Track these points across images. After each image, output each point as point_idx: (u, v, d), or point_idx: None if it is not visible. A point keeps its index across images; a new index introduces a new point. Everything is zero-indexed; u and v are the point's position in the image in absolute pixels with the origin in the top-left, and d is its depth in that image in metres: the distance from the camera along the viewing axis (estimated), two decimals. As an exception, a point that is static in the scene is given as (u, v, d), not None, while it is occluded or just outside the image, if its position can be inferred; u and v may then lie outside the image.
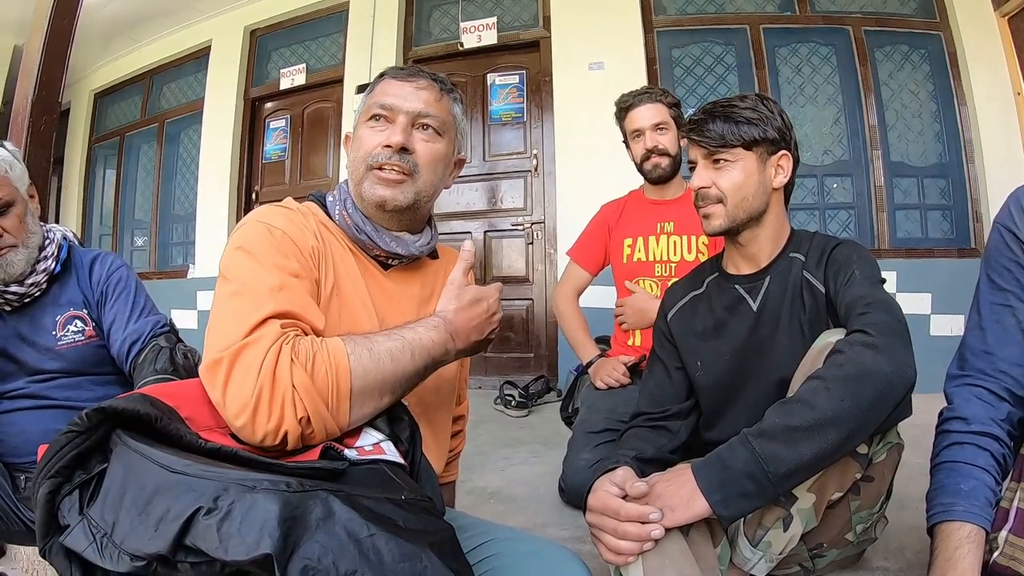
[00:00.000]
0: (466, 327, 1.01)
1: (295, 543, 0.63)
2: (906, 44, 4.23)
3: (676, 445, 1.40)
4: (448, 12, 4.80)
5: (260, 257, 0.95)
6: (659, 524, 1.02)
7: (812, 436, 1.01)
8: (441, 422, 1.22)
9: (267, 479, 0.68)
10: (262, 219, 1.01)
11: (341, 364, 0.86)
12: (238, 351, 0.84)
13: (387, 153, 1.07)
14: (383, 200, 1.07)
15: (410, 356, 0.92)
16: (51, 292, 1.59)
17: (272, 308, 0.88)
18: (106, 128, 6.42)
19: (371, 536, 0.66)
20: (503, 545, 1.01)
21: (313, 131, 5.23)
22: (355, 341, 0.90)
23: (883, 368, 1.03)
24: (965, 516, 1.06)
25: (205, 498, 0.65)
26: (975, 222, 4.06)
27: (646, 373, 1.55)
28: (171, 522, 0.64)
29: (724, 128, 1.33)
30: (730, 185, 1.35)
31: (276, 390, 0.81)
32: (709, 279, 1.50)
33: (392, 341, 0.92)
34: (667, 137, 2.19)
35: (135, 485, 0.70)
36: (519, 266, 4.54)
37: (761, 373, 1.36)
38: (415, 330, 0.95)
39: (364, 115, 1.13)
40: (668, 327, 1.51)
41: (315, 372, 0.84)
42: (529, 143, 4.54)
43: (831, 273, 1.31)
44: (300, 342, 0.86)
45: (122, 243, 6.17)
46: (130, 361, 1.60)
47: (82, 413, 0.75)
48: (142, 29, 5.77)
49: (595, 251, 2.38)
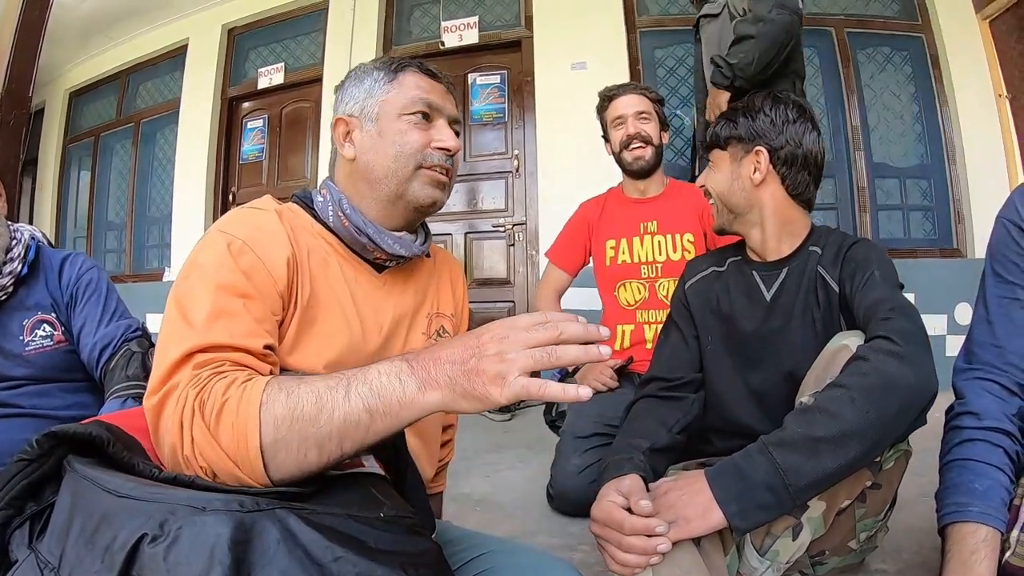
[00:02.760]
0: (442, 360, 0.72)
1: (249, 569, 0.56)
2: (888, 46, 4.26)
3: (688, 421, 1.35)
4: (429, 11, 4.76)
5: (205, 276, 0.86)
6: (667, 538, 0.98)
7: (835, 448, 0.97)
8: (431, 433, 1.16)
9: (218, 499, 0.61)
10: (224, 228, 0.92)
11: (250, 416, 0.71)
12: (159, 405, 0.76)
13: (441, 156, 1.04)
14: (435, 202, 1.04)
15: (343, 395, 0.71)
16: (18, 295, 1.52)
17: (195, 342, 0.79)
18: (81, 128, 6.31)
19: (336, 560, 0.59)
20: (499, 558, 0.97)
21: (291, 131, 5.16)
22: (278, 384, 0.74)
23: (908, 379, 1.00)
24: (981, 518, 1.02)
25: (151, 524, 0.58)
26: (957, 223, 4.09)
27: (661, 340, 1.51)
28: (116, 552, 0.58)
29: (710, 130, 1.43)
30: (713, 184, 1.42)
31: (184, 448, 0.72)
32: (731, 259, 1.48)
33: (325, 381, 0.73)
34: (650, 126, 2.16)
35: (82, 513, 0.63)
36: (500, 268, 4.50)
37: (769, 364, 1.33)
38: (367, 368, 0.74)
39: (404, 107, 1.03)
40: (686, 296, 1.49)
41: (220, 428, 0.71)
42: (511, 144, 4.51)
43: (847, 272, 1.28)
44: (212, 389, 0.74)
45: (97, 245, 6.05)
46: (101, 367, 1.55)
47: (32, 440, 0.70)
48: (118, 27, 5.68)
49: (574, 251, 2.34)
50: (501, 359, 0.68)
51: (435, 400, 0.70)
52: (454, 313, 1.20)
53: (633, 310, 2.17)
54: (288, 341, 0.92)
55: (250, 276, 0.88)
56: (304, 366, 0.92)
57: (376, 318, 1.03)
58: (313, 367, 0.92)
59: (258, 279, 0.89)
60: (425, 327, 1.12)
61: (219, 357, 0.79)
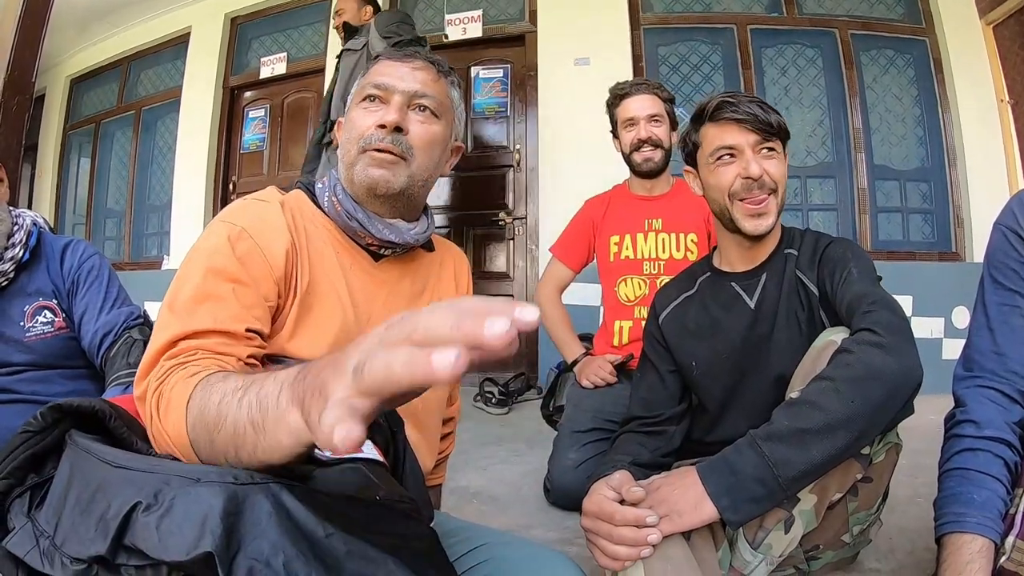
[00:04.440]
0: (315, 366, 0.53)
1: (240, 540, 0.56)
2: (892, 49, 4.26)
3: (670, 449, 1.37)
4: (433, 3, 4.74)
5: (198, 260, 0.89)
6: (658, 529, 0.99)
7: (822, 438, 0.98)
8: (432, 425, 1.16)
9: (213, 471, 0.61)
10: (226, 217, 0.95)
11: (179, 411, 0.71)
12: (141, 397, 0.78)
13: (380, 134, 1.00)
14: (375, 182, 1.00)
15: (239, 400, 0.62)
16: (19, 281, 1.52)
17: (176, 330, 0.81)
18: (81, 115, 6.28)
19: (328, 536, 0.58)
20: (496, 550, 0.97)
21: (293, 121, 5.14)
22: (206, 381, 0.71)
23: (892, 368, 1.01)
24: (977, 529, 1.03)
25: (145, 492, 0.58)
26: (956, 226, 4.10)
27: (637, 377, 1.51)
28: (110, 520, 0.58)
29: (768, 116, 1.28)
30: (780, 175, 1.30)
31: (153, 440, 0.76)
32: (701, 279, 1.47)
33: (238, 382, 0.65)
34: (661, 129, 2.16)
35: (79, 483, 0.64)
36: (500, 262, 4.49)
37: (760, 370, 1.33)
38: (276, 371, 0.61)
39: (357, 96, 1.06)
40: (660, 330, 1.47)
41: (166, 421, 0.73)
42: (512, 138, 4.50)
43: (826, 272, 1.28)
44: (168, 381, 0.75)
45: (96, 232, 6.02)
46: (102, 354, 1.55)
47: (37, 412, 0.71)
48: (120, 14, 5.64)
49: (579, 248, 2.34)
50: (339, 368, 0.46)
51: (294, 423, 0.54)
52: None
53: (632, 306, 2.17)
54: (288, 328, 0.94)
55: (245, 262, 0.90)
56: (303, 353, 0.93)
57: (369, 306, 1.04)
58: (311, 354, 0.92)
59: (253, 266, 0.90)
60: None
61: (197, 345, 0.81)
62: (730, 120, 1.29)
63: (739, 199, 1.30)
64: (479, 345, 0.39)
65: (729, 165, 1.30)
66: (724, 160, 1.31)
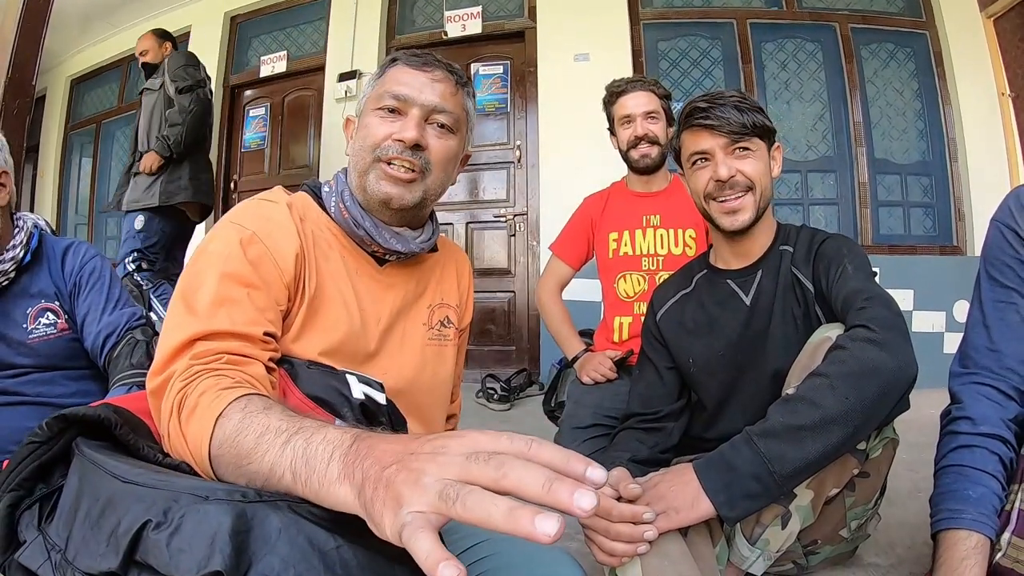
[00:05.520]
0: (375, 451, 0.56)
1: (251, 558, 0.56)
2: (892, 42, 4.25)
3: (669, 445, 1.39)
4: (432, 0, 4.74)
5: (212, 264, 0.89)
6: (654, 525, 1.00)
7: (818, 435, 0.99)
8: (435, 421, 1.17)
9: (221, 488, 0.61)
10: (235, 219, 0.95)
11: (207, 425, 0.71)
12: (159, 389, 0.79)
13: (398, 147, 1.00)
14: (389, 198, 1.00)
15: (283, 442, 0.63)
16: (21, 282, 1.52)
17: (196, 329, 0.82)
18: (82, 115, 6.29)
19: (338, 548, 0.59)
20: (498, 546, 0.97)
21: (293, 120, 5.15)
22: (244, 404, 0.72)
23: (887, 364, 1.01)
24: (973, 525, 1.04)
25: (155, 510, 0.59)
26: (957, 220, 4.10)
27: (636, 374, 1.53)
28: (121, 537, 0.59)
29: (742, 116, 1.30)
30: (755, 172, 1.32)
31: (165, 438, 0.76)
32: (698, 276, 1.48)
33: (282, 420, 0.67)
34: (658, 126, 2.15)
35: (89, 497, 0.64)
36: (501, 258, 4.50)
37: (757, 366, 1.34)
38: (325, 425, 0.64)
39: (374, 101, 1.04)
40: (658, 327, 1.49)
41: (188, 427, 0.73)
42: (512, 134, 4.50)
43: (821, 269, 1.29)
44: (196, 386, 0.75)
45: (97, 232, 6.04)
46: (105, 355, 1.55)
47: (43, 422, 0.71)
48: (120, 14, 5.65)
49: (578, 245, 2.34)
50: (416, 480, 0.49)
51: (343, 497, 0.56)
52: (459, 304, 1.21)
53: (632, 302, 2.17)
54: (294, 330, 0.95)
55: (257, 267, 0.91)
56: (306, 353, 0.94)
57: (375, 310, 1.05)
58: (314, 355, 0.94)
59: (265, 270, 0.91)
60: (426, 318, 1.13)
61: (218, 347, 0.81)
62: (700, 126, 1.33)
63: (713, 199, 1.35)
64: (566, 511, 0.45)
65: (703, 169, 1.35)
66: (699, 164, 1.36)
